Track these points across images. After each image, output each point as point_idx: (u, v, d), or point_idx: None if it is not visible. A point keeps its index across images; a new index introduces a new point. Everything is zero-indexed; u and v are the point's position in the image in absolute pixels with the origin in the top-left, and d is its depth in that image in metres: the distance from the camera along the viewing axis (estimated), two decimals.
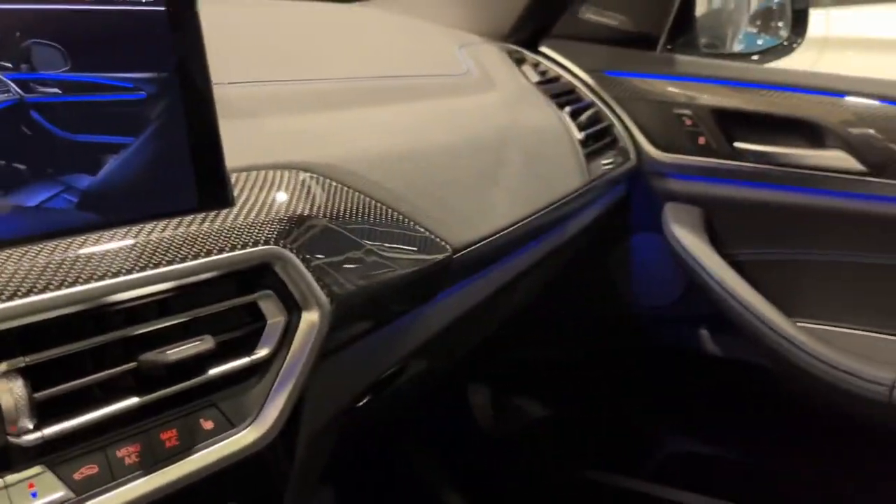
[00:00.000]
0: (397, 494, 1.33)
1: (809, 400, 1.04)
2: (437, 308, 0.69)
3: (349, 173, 0.59)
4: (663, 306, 1.17)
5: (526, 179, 0.81)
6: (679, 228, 1.06)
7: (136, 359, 0.43)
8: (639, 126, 1.10)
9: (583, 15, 1.12)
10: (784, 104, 1.01)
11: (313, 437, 0.57)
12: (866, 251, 1.01)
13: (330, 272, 0.53)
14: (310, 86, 0.69)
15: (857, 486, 1.14)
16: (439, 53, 0.96)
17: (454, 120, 0.78)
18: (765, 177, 1.02)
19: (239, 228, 0.48)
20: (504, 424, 1.35)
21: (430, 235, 0.63)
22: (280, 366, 0.50)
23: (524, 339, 1.29)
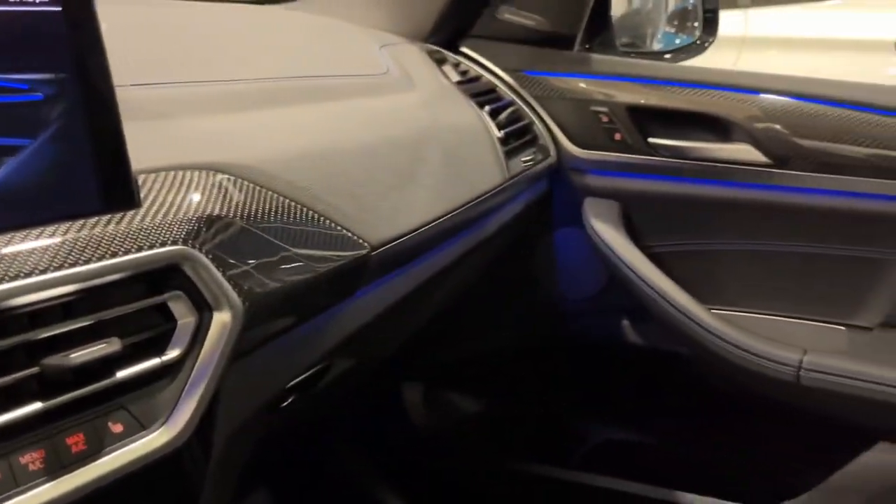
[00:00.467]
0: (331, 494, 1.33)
1: (724, 383, 1.08)
2: (356, 305, 0.69)
3: (263, 173, 0.59)
4: (587, 299, 1.20)
5: (445, 177, 0.82)
6: (598, 223, 1.09)
7: (39, 363, 0.43)
8: (558, 124, 1.12)
9: (501, 15, 1.15)
10: (694, 100, 1.05)
11: (230, 437, 0.57)
12: (772, 239, 1.06)
13: (242, 272, 0.53)
14: (224, 87, 0.68)
15: (772, 464, 1.20)
16: (359, 54, 0.97)
17: (372, 119, 0.79)
18: (678, 170, 1.07)
19: (146, 229, 0.48)
20: (436, 421, 1.36)
21: (347, 233, 0.64)
22: (192, 366, 0.49)
23: (454, 336, 1.30)
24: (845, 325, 1.06)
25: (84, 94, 0.43)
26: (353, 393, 1.21)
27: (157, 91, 0.61)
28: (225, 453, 0.56)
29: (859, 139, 0.96)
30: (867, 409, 0.97)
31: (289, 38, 0.94)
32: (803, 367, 0.98)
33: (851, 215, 1.00)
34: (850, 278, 1.03)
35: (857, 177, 0.97)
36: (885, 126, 0.96)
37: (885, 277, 1.01)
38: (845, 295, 1.05)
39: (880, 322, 1.04)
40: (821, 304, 1.06)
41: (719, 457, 1.26)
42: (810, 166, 0.99)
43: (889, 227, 0.99)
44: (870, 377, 0.95)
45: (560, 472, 1.28)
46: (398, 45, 1.05)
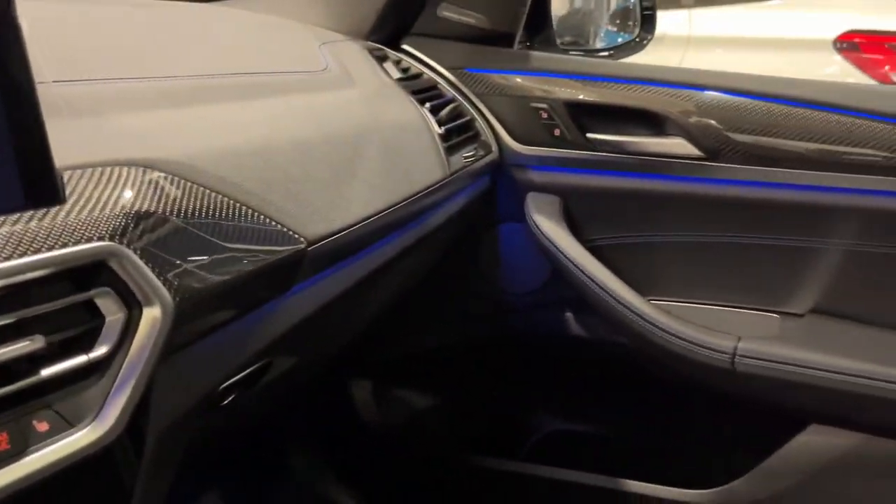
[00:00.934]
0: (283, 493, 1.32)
1: (664, 372, 1.11)
2: (293, 301, 0.69)
3: (194, 169, 0.59)
4: (530, 292, 1.22)
5: (384, 173, 0.83)
6: (540, 217, 1.11)
7: None
8: (499, 120, 1.14)
9: (441, 13, 1.16)
10: (630, 96, 1.08)
11: (163, 434, 0.57)
12: (707, 231, 1.09)
13: (173, 268, 0.53)
14: (157, 83, 0.68)
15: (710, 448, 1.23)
16: (298, 51, 0.97)
17: (309, 115, 0.79)
18: (615, 165, 1.09)
19: (71, 225, 0.47)
20: (386, 417, 1.37)
21: (283, 229, 0.64)
22: (121, 363, 0.49)
23: (401, 332, 1.31)
24: (778, 312, 1.09)
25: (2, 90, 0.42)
26: (301, 391, 1.21)
27: (85, 87, 0.61)
28: (158, 451, 0.56)
29: (787, 132, 1.00)
30: (799, 392, 1.01)
31: (226, 34, 0.94)
32: (738, 353, 1.01)
33: (781, 206, 1.03)
34: (781, 267, 1.07)
35: (786, 168, 1.01)
36: (811, 119, 0.99)
37: (813, 265, 1.05)
38: (777, 283, 1.08)
39: (810, 308, 1.08)
40: (754, 293, 1.10)
41: (660, 443, 1.29)
42: (741, 159, 1.03)
43: (817, 217, 1.02)
44: (801, 362, 0.99)
45: (509, 465, 1.30)
46: (338, 43, 1.06)
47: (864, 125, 0.97)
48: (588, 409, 1.36)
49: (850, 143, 0.97)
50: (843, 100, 0.99)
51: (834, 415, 1.04)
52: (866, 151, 0.97)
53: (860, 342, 1.01)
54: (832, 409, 1.02)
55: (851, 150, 0.97)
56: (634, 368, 1.21)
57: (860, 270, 1.03)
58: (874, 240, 1.00)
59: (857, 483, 1.04)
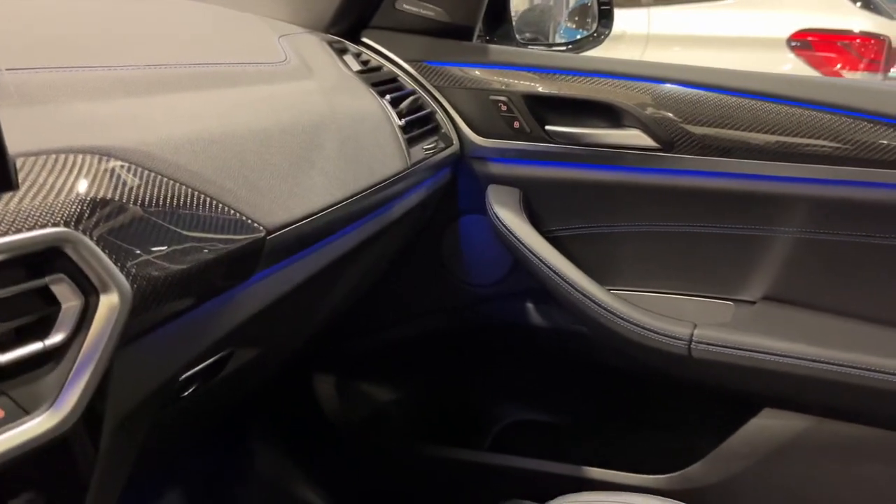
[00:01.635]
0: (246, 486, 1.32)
1: (623, 360, 1.13)
2: (253, 290, 0.69)
3: (151, 157, 0.59)
4: (492, 284, 1.23)
5: (344, 163, 0.83)
6: (500, 209, 1.12)
7: None
8: (459, 113, 1.15)
9: (401, 6, 1.16)
10: (587, 88, 1.09)
11: (121, 422, 0.56)
12: (663, 221, 1.12)
13: (130, 255, 0.52)
14: (112, 72, 0.67)
15: (668, 434, 1.26)
16: (257, 43, 0.97)
17: (268, 105, 0.79)
18: (573, 157, 1.11)
19: (24, 211, 0.47)
20: (349, 410, 1.37)
21: (241, 217, 0.64)
22: (78, 350, 0.49)
23: (363, 325, 1.31)
24: (731, 299, 1.12)
25: None
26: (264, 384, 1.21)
27: (38, 75, 0.60)
28: (116, 440, 0.56)
29: (739, 123, 1.03)
30: (752, 377, 1.04)
31: (184, 25, 0.93)
32: (694, 340, 1.04)
33: (734, 196, 1.06)
34: (734, 256, 1.10)
35: (738, 159, 1.04)
36: (761, 110, 1.02)
37: (765, 254, 1.08)
38: (730, 271, 1.11)
39: (762, 296, 1.11)
40: (709, 281, 1.13)
41: (620, 430, 1.31)
42: (696, 150, 1.05)
43: (765, 206, 1.05)
44: (754, 347, 1.02)
45: (472, 455, 1.31)
46: (298, 35, 1.05)
47: (812, 116, 1.00)
48: (549, 398, 1.38)
49: (799, 134, 1.00)
50: (793, 91, 1.02)
51: (786, 398, 1.07)
52: (814, 142, 1.00)
53: (810, 327, 1.05)
54: (784, 392, 1.05)
55: (800, 141, 1.00)
56: (594, 357, 1.23)
57: (809, 258, 1.06)
58: (822, 227, 1.04)
59: (810, 463, 1.08)
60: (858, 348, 0.99)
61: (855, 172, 0.99)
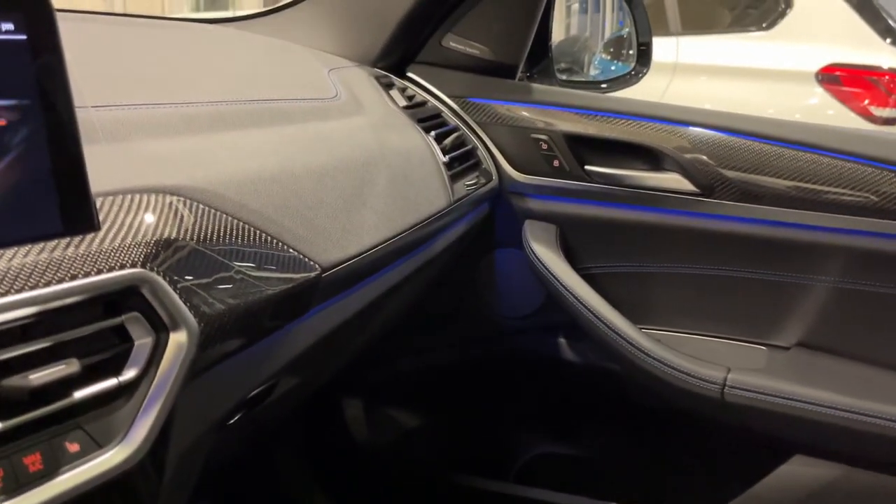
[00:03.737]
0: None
1: (653, 399, 1.13)
2: (307, 325, 0.71)
3: (217, 196, 0.61)
4: (524, 317, 1.24)
5: (393, 200, 0.85)
6: (536, 244, 1.14)
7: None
8: (500, 149, 1.17)
9: (447, 43, 1.19)
10: (628, 131, 1.11)
11: (183, 455, 0.58)
12: (699, 264, 1.12)
13: (198, 293, 0.54)
14: (177, 109, 0.70)
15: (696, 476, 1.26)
16: (309, 77, 0.99)
17: (322, 142, 0.81)
18: (612, 197, 1.12)
19: (105, 252, 0.49)
20: (377, 436, 1.38)
21: (299, 255, 0.66)
22: (148, 386, 0.51)
23: (396, 352, 1.33)
24: (765, 344, 1.13)
25: (46, 121, 0.44)
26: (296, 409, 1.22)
27: (111, 113, 0.62)
28: (177, 473, 0.58)
29: (777, 171, 1.04)
30: (784, 424, 1.04)
31: (239, 59, 0.96)
32: (727, 384, 1.04)
33: (770, 242, 1.07)
34: (769, 301, 1.10)
35: (775, 206, 1.04)
36: (801, 160, 1.03)
37: (800, 301, 1.08)
38: (765, 316, 1.11)
39: (796, 342, 1.11)
40: (743, 325, 1.13)
41: (648, 469, 1.31)
42: (734, 196, 1.06)
43: (802, 254, 1.06)
44: (787, 394, 1.02)
45: (498, 485, 1.31)
46: (347, 69, 1.08)
47: (852, 168, 1.01)
48: (577, 433, 1.38)
49: (839, 185, 1.01)
50: (831, 143, 1.03)
51: (817, 446, 1.07)
52: (853, 193, 1.01)
53: (843, 376, 1.05)
54: (816, 440, 1.05)
55: (839, 191, 1.01)
56: (624, 394, 1.23)
57: (844, 307, 1.06)
58: (858, 278, 1.04)
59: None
60: (890, 399, 0.99)
61: (892, 225, 0.99)
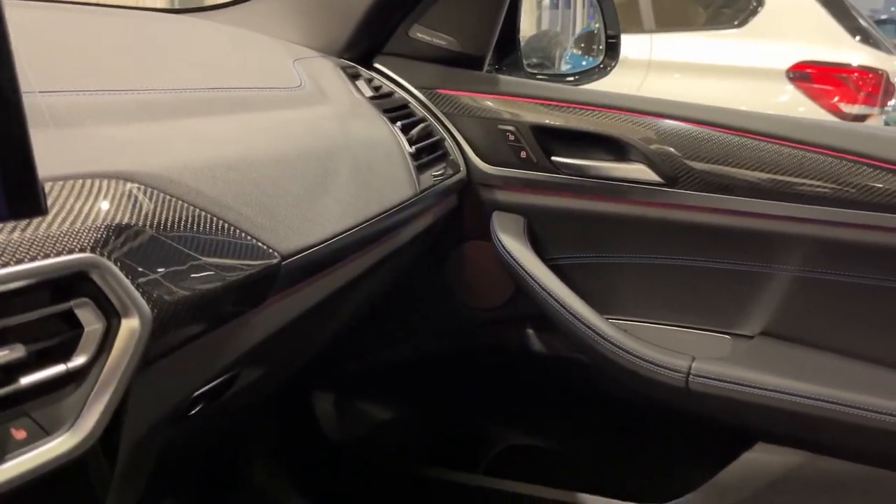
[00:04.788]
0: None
1: (620, 389, 1.14)
2: (266, 314, 0.71)
3: (173, 182, 0.60)
4: (493, 309, 1.25)
5: (356, 189, 0.85)
6: (504, 236, 1.14)
7: None
8: (467, 141, 1.17)
9: (414, 34, 1.18)
10: (594, 122, 1.12)
11: (136, 444, 0.57)
12: (664, 254, 1.13)
13: (151, 280, 0.54)
14: (135, 96, 0.69)
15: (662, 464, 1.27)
16: (273, 67, 0.98)
17: (284, 131, 0.81)
18: (578, 187, 1.13)
19: (53, 237, 0.48)
20: (348, 430, 1.38)
21: (257, 243, 0.65)
22: (99, 373, 0.50)
23: (364, 345, 1.32)
24: (729, 333, 1.14)
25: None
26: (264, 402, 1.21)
27: (65, 99, 0.62)
28: (130, 460, 0.57)
29: (740, 162, 1.05)
30: (748, 411, 1.05)
31: (202, 49, 0.95)
32: (692, 373, 1.05)
33: (733, 232, 1.08)
34: (733, 290, 1.11)
35: (738, 196, 1.06)
36: (763, 150, 1.04)
37: (764, 290, 1.10)
38: (729, 306, 1.13)
39: (760, 331, 1.12)
40: (707, 315, 1.14)
41: (616, 458, 1.32)
42: (698, 186, 1.07)
43: (765, 244, 1.07)
44: (750, 382, 1.03)
45: (468, 478, 1.32)
46: (312, 59, 1.07)
47: (813, 158, 1.02)
48: (546, 424, 1.39)
49: (800, 175, 1.03)
50: (795, 133, 1.04)
51: (780, 433, 1.08)
52: (815, 183, 1.02)
53: (805, 364, 1.06)
54: (778, 427, 1.07)
55: (801, 182, 1.02)
56: (592, 385, 1.24)
57: (805, 296, 1.08)
58: (820, 267, 1.05)
59: (800, 498, 1.09)
60: (851, 387, 1.01)
61: (853, 215, 1.01)
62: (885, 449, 1.02)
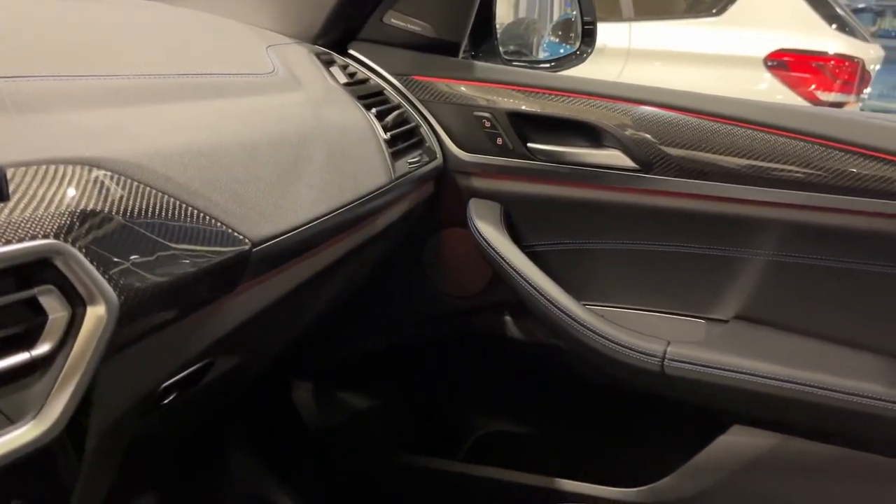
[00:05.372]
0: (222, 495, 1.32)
1: (596, 374, 1.15)
2: (237, 302, 0.70)
3: (141, 169, 0.59)
4: (472, 296, 1.25)
5: (329, 176, 0.84)
6: (481, 223, 1.14)
7: None
8: (443, 127, 1.16)
9: (388, 20, 1.18)
10: (569, 108, 1.12)
11: (105, 432, 0.57)
12: (640, 240, 1.14)
13: (118, 266, 0.53)
14: (101, 81, 0.68)
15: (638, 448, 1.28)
16: (246, 53, 0.97)
17: (256, 117, 0.80)
18: (554, 174, 1.13)
19: (15, 223, 0.47)
20: (327, 419, 1.38)
21: (227, 230, 0.65)
22: (64, 361, 0.49)
23: (342, 334, 1.32)
24: (704, 318, 1.15)
25: None
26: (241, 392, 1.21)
27: (28, 84, 0.60)
28: (99, 450, 0.56)
29: (713, 147, 1.05)
30: (723, 394, 1.06)
31: (174, 34, 0.93)
32: (667, 357, 1.06)
33: (707, 217, 1.09)
34: (708, 275, 1.12)
35: (711, 181, 1.06)
36: (736, 136, 1.05)
37: (738, 274, 1.11)
38: (704, 290, 1.14)
39: (734, 315, 1.13)
40: (683, 299, 1.15)
41: (593, 443, 1.33)
42: (673, 172, 1.08)
43: (739, 228, 1.08)
44: (725, 365, 1.04)
45: (448, 464, 1.32)
46: (286, 46, 1.06)
47: (786, 143, 1.03)
48: (525, 410, 1.40)
49: (773, 160, 1.03)
50: (768, 118, 1.05)
51: (754, 416, 1.09)
52: (788, 168, 1.03)
53: (779, 347, 1.07)
54: (752, 410, 1.08)
55: (774, 166, 1.03)
56: (570, 370, 1.25)
57: (781, 280, 1.09)
58: (794, 251, 1.06)
59: (775, 480, 1.10)
60: (822, 369, 1.02)
61: (825, 199, 1.02)
62: (856, 430, 1.04)
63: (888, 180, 0.98)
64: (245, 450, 1.33)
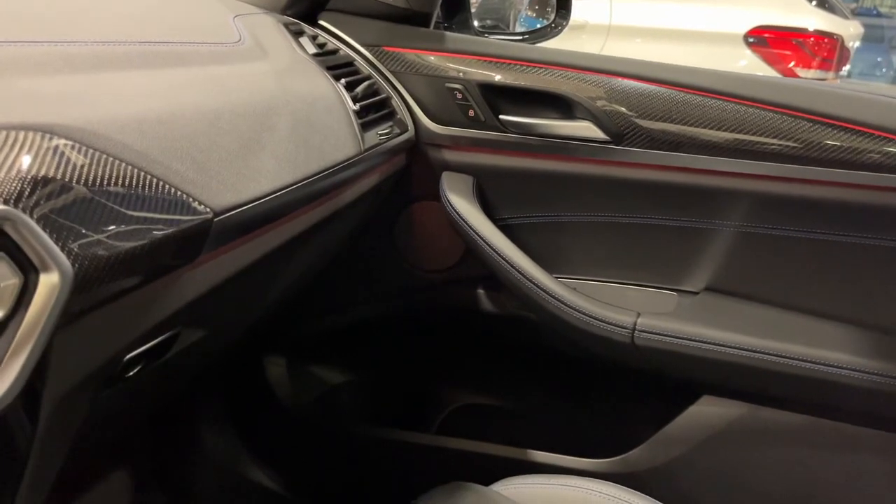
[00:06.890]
0: (196, 472, 1.32)
1: (568, 346, 1.16)
2: (200, 271, 0.69)
3: (97, 136, 0.58)
4: (445, 270, 1.25)
5: (294, 147, 0.83)
6: (453, 196, 1.14)
7: None
8: (415, 99, 1.15)
9: None
10: (541, 79, 1.11)
11: (61, 401, 0.56)
12: (610, 212, 1.14)
13: (73, 234, 0.52)
14: (56, 48, 0.66)
15: (610, 419, 1.30)
16: (212, 22, 0.96)
17: (220, 86, 0.79)
18: (526, 146, 1.12)
19: None
20: (300, 394, 1.38)
21: (188, 198, 0.64)
22: (16, 329, 0.49)
23: (315, 308, 1.32)
24: (674, 290, 1.16)
25: None
26: (213, 367, 1.20)
27: None
28: (56, 417, 0.56)
29: (684, 118, 1.05)
30: (692, 365, 1.07)
31: (137, 2, 0.92)
32: (637, 328, 1.07)
33: (678, 189, 1.09)
34: (678, 247, 1.13)
35: (684, 153, 1.06)
36: (707, 107, 1.05)
37: (708, 246, 1.11)
38: (675, 262, 1.14)
39: (704, 287, 1.14)
40: (653, 271, 1.16)
41: (565, 415, 1.35)
42: (644, 143, 1.08)
43: (709, 200, 1.08)
44: (694, 336, 1.05)
45: (420, 437, 1.33)
46: (253, 15, 1.05)
47: (756, 114, 1.03)
48: (497, 383, 1.41)
49: (744, 131, 1.03)
50: (739, 89, 1.05)
51: (723, 386, 1.11)
52: (758, 139, 1.03)
53: (748, 318, 1.08)
54: (722, 380, 1.09)
55: (744, 138, 1.04)
56: (542, 343, 1.26)
57: (750, 251, 1.09)
58: (763, 222, 1.07)
59: (745, 448, 1.12)
60: (791, 339, 1.03)
61: (795, 170, 1.02)
62: (824, 398, 1.05)
63: (857, 151, 0.99)
64: (218, 424, 1.33)
